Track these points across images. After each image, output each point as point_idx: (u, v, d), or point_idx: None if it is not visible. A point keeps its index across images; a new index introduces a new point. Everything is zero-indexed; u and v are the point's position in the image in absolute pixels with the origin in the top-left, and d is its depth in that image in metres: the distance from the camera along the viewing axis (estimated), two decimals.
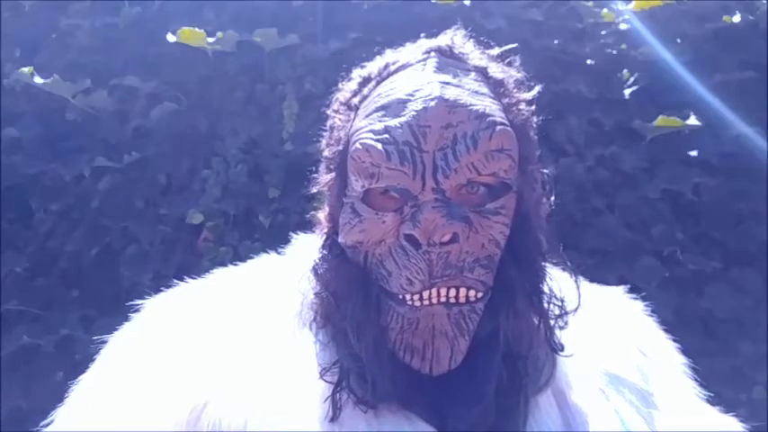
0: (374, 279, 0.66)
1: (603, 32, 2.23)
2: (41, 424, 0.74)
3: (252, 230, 1.90)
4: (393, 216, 0.65)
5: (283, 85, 1.99)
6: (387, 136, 0.64)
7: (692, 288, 1.98)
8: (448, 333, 0.65)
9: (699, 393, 0.81)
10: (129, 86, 2.00)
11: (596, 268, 1.90)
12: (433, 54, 0.70)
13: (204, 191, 1.93)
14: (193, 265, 1.81)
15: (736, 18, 2.14)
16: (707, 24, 2.17)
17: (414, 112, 0.64)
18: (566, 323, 0.70)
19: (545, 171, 0.72)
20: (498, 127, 0.65)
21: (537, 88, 0.72)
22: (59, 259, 1.97)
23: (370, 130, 0.66)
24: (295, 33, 1.99)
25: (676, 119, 1.95)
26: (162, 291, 0.80)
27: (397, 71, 0.70)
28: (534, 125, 0.71)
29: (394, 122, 0.65)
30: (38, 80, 1.92)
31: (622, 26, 2.20)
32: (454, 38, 0.72)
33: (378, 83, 0.70)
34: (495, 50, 0.74)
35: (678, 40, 2.17)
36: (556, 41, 2.16)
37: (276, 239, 0.84)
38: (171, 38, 1.94)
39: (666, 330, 0.88)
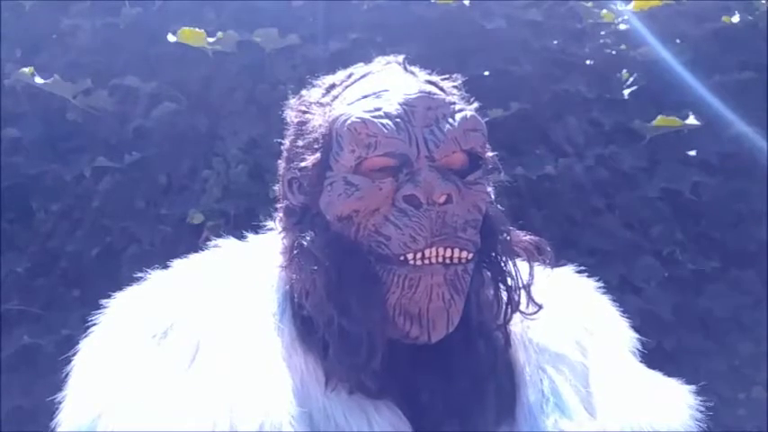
0: (368, 249, 0.70)
1: (603, 33, 2.24)
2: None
3: (252, 230, 1.90)
4: (390, 182, 0.70)
5: (284, 85, 2.00)
6: (380, 112, 0.70)
7: (691, 288, 1.98)
8: (444, 295, 0.69)
9: (644, 369, 0.83)
10: (129, 87, 2.00)
11: (596, 268, 1.89)
12: (393, 64, 0.78)
13: (205, 191, 1.93)
14: None
15: (736, 18, 2.15)
16: (706, 24, 2.17)
17: (400, 97, 0.71)
18: (529, 297, 0.76)
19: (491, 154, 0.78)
20: (469, 112, 0.73)
21: (475, 104, 0.79)
22: (60, 259, 1.98)
23: (362, 109, 0.71)
24: (295, 33, 1.99)
25: (675, 119, 1.95)
26: None
27: (363, 76, 0.77)
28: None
29: (384, 103, 0.71)
30: (38, 80, 1.92)
31: (622, 26, 2.21)
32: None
33: (346, 87, 0.76)
34: (436, 77, 0.80)
35: (677, 41, 2.17)
36: (555, 41, 2.17)
37: None
38: (171, 38, 1.94)
39: (666, 330, 0.89)
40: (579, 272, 0.88)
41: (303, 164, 0.74)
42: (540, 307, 0.76)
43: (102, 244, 1.96)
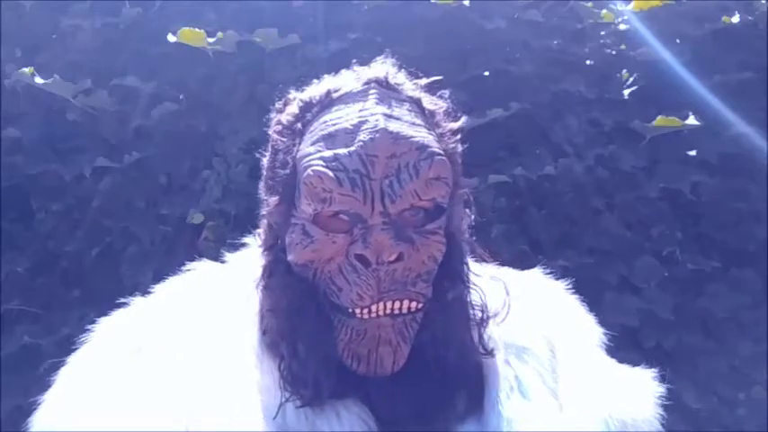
0: (323, 294, 0.72)
1: (603, 33, 2.24)
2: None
3: (253, 230, 1.90)
4: (344, 237, 0.70)
5: (283, 85, 1.99)
6: (337, 163, 0.69)
7: (691, 288, 1.98)
8: (392, 341, 0.71)
9: (611, 361, 0.85)
10: (129, 87, 2.00)
11: (595, 268, 1.90)
12: (373, 85, 0.74)
13: (205, 191, 1.93)
14: None
15: (736, 18, 2.15)
16: (706, 25, 2.17)
17: (361, 143, 0.69)
18: (487, 326, 0.77)
19: (466, 190, 0.78)
20: (436, 157, 0.71)
21: (463, 119, 0.77)
22: (60, 259, 1.98)
23: (321, 158, 0.70)
24: (295, 33, 2.00)
25: (675, 119, 1.95)
26: None
27: (339, 99, 0.74)
28: (460, 153, 0.77)
29: (343, 151, 0.69)
30: (39, 80, 1.92)
31: (622, 26, 2.21)
32: (388, 69, 0.76)
33: (320, 110, 0.74)
34: (423, 81, 0.78)
35: (677, 41, 2.17)
36: (555, 42, 2.17)
37: None
38: (171, 38, 1.94)
39: (666, 330, 0.90)
40: (579, 271, 0.88)
41: (269, 208, 0.76)
42: (490, 353, 0.76)
43: (102, 244, 1.96)
